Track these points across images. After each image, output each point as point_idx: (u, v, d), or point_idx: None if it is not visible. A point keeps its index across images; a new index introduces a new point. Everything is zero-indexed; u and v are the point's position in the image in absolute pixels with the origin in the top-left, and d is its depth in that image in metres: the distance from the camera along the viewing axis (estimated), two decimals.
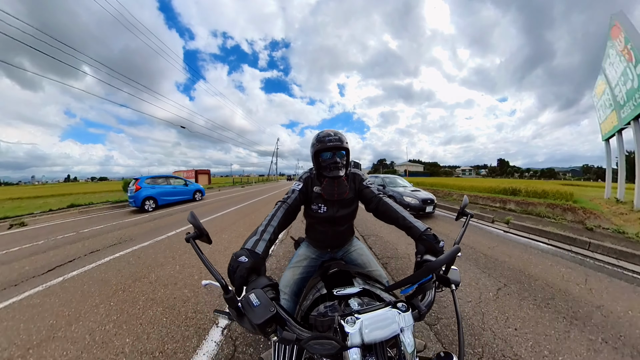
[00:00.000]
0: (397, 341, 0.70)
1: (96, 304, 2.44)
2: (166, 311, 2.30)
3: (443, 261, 0.70)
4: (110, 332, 2.01)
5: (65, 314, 2.28)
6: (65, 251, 4.20)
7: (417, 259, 0.99)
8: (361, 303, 0.88)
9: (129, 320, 2.17)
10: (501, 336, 1.94)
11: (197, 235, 0.80)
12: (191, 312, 2.28)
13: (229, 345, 1.86)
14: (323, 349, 0.62)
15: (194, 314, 2.24)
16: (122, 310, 2.32)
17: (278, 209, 1.21)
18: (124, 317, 2.21)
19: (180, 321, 2.14)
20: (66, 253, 4.09)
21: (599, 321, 2.13)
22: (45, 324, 2.13)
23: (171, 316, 2.22)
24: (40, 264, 3.57)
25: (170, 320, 2.16)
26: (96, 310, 2.34)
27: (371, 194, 1.34)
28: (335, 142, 1.25)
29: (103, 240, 4.88)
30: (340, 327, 0.68)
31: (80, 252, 4.14)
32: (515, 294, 2.61)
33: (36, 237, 5.33)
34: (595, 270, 3.33)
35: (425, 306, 0.77)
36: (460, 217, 1.15)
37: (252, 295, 0.67)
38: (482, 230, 5.68)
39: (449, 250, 0.74)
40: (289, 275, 1.36)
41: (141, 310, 2.31)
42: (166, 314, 2.26)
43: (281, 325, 0.68)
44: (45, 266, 3.49)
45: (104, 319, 2.19)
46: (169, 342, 1.88)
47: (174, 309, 2.33)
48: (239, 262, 0.80)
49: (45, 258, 3.87)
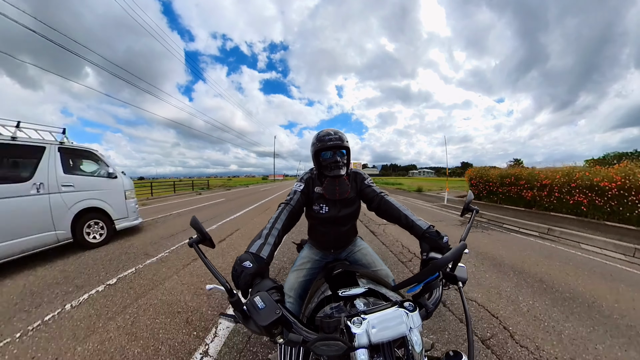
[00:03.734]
0: (404, 341, 0.69)
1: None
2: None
3: (449, 258, 0.69)
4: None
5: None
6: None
7: (422, 257, 0.98)
8: (367, 303, 0.87)
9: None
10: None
11: (200, 240, 0.80)
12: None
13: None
14: (330, 350, 0.62)
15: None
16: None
17: (282, 211, 1.20)
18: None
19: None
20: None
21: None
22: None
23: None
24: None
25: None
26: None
27: (373, 192, 1.33)
28: (336, 141, 1.24)
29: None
30: (346, 328, 0.68)
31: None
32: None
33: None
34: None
35: (432, 304, 0.76)
36: (466, 213, 1.13)
37: (257, 297, 0.67)
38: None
39: (455, 247, 0.73)
40: (293, 278, 1.35)
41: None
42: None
43: (287, 328, 0.67)
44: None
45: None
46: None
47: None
48: (243, 267, 0.80)
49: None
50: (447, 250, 0.93)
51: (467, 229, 0.98)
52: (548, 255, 3.87)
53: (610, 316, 2.17)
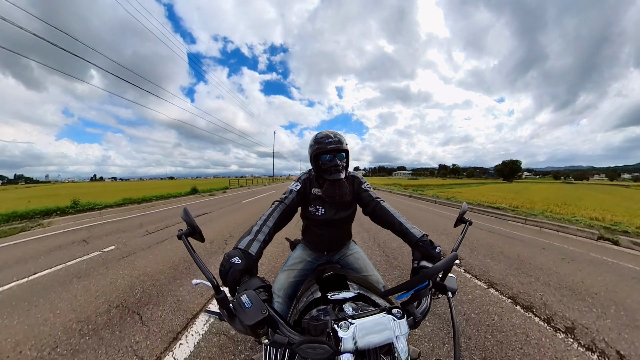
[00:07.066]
0: (391, 348, 0.69)
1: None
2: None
3: (440, 268, 0.69)
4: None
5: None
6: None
7: (413, 265, 0.98)
8: (356, 308, 0.86)
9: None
10: None
11: (190, 233, 0.78)
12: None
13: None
14: (315, 353, 0.61)
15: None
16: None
17: (275, 209, 1.19)
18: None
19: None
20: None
21: None
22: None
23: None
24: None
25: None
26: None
27: (369, 197, 1.33)
28: (336, 144, 1.23)
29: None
30: (333, 331, 0.67)
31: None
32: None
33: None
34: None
35: (420, 313, 0.76)
36: (459, 224, 1.14)
37: (244, 296, 0.66)
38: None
39: (446, 257, 0.73)
40: (284, 277, 1.34)
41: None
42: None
43: (273, 328, 0.66)
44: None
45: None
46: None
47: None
48: (232, 263, 0.79)
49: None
50: (439, 260, 0.93)
51: (459, 240, 0.98)
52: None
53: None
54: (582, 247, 4.69)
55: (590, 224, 5.79)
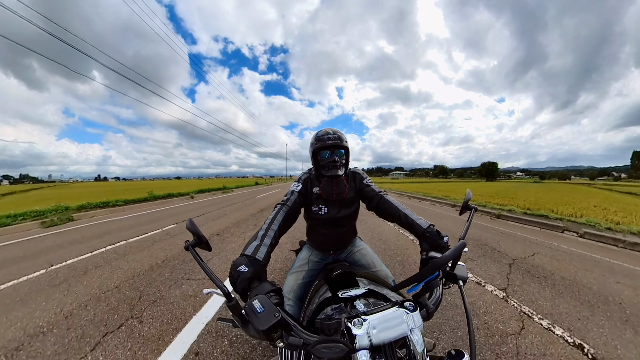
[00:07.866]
0: (406, 341, 0.68)
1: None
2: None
3: (449, 257, 0.68)
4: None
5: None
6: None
7: (422, 256, 0.97)
8: (367, 304, 0.86)
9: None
10: None
11: (197, 243, 0.78)
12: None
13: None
14: (331, 352, 0.61)
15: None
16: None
17: (278, 211, 1.18)
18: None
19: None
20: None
21: None
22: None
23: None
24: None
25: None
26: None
27: (372, 192, 1.32)
28: (334, 140, 1.23)
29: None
30: (347, 329, 0.67)
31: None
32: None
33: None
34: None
35: (433, 304, 0.76)
36: (464, 212, 1.13)
37: (256, 301, 0.65)
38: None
39: (455, 246, 0.72)
40: (292, 280, 1.34)
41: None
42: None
43: (287, 331, 0.66)
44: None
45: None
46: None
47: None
48: (239, 272, 0.78)
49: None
50: (447, 249, 0.93)
51: (466, 228, 0.97)
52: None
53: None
54: (485, 220, 7.33)
55: (498, 208, 8.83)
